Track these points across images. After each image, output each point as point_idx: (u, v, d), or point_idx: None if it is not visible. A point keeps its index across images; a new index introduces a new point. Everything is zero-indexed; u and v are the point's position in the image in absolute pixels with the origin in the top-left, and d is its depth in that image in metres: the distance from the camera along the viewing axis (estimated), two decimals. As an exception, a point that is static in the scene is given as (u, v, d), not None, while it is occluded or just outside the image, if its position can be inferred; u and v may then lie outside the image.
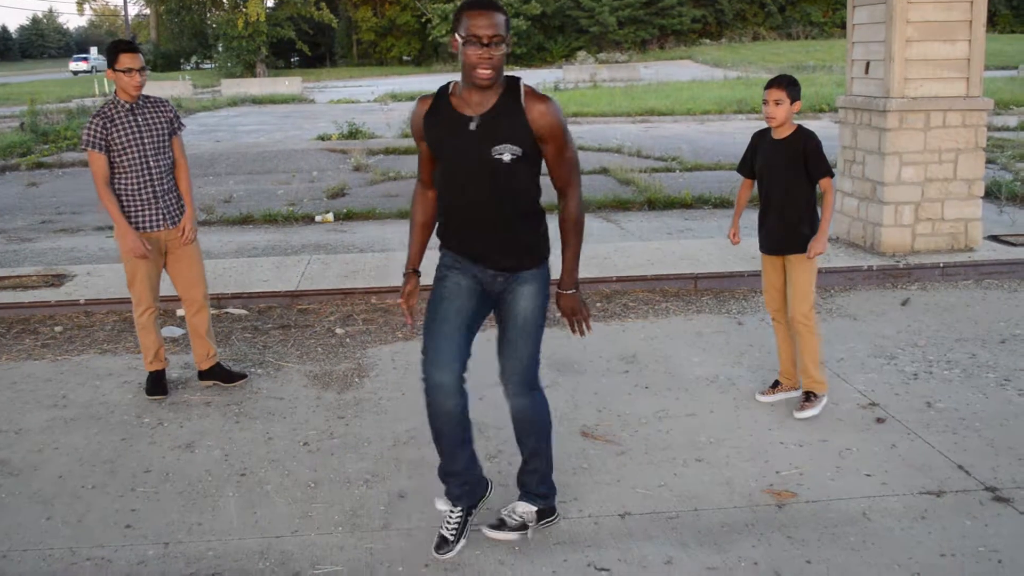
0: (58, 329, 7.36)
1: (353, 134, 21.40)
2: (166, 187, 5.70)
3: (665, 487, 4.57)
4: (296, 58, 75.67)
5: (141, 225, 5.60)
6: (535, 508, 4.15)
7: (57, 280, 8.39)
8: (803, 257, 5.30)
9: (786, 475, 4.69)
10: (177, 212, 5.79)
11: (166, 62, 74.48)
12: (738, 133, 21.24)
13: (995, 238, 9.17)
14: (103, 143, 5.44)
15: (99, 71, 66.38)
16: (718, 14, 74.36)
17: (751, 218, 5.77)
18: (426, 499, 4.49)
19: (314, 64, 74.89)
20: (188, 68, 74.26)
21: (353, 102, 34.84)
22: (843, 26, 10.12)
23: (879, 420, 5.33)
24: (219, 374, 6.05)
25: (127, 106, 5.54)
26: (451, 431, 4.00)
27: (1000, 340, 6.65)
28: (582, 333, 4.05)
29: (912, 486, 4.54)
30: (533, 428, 4.16)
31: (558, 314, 7.28)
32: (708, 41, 71.75)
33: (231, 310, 7.70)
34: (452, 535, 3.99)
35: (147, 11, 79.02)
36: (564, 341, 6.73)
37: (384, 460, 4.95)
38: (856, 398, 5.65)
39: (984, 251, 8.70)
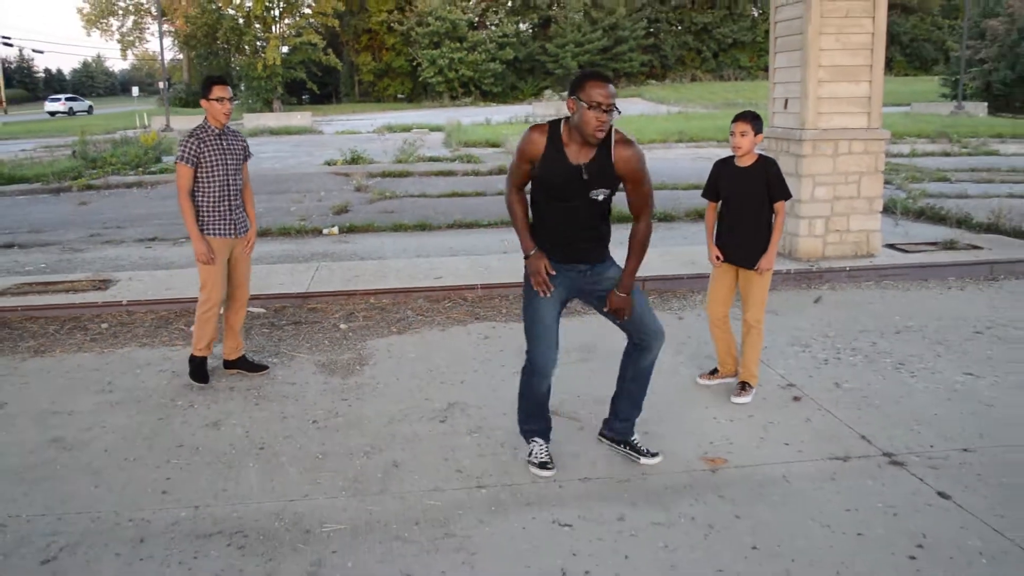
0: (104, 326, 7.31)
1: (355, 160, 21.30)
2: (238, 202, 5.76)
3: (617, 457, 4.59)
4: (307, 96, 75.31)
5: (218, 231, 5.64)
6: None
7: (103, 284, 8.32)
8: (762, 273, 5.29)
9: (718, 445, 4.71)
10: (244, 224, 5.82)
11: (196, 99, 73.74)
12: (680, 159, 21.33)
13: (892, 246, 9.25)
14: (195, 159, 5.49)
15: (77, 112, 65.81)
16: (662, 59, 74.73)
17: (688, 229, 5.78)
18: (417, 469, 4.49)
19: (322, 101, 74.58)
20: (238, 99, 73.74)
21: (355, 133, 34.69)
22: (767, 69, 10.18)
23: (796, 398, 5.37)
24: (244, 364, 6.02)
25: (216, 131, 5.59)
26: (544, 399, 4.46)
27: (896, 331, 6.70)
28: (622, 318, 4.33)
29: (823, 453, 4.58)
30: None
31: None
32: (654, 82, 72.03)
33: (252, 309, 7.65)
34: (548, 458, 4.44)
35: (180, 56, 78.60)
36: (533, 334, 6.74)
37: (381, 435, 4.93)
38: (777, 380, 5.68)
39: (883, 257, 8.77)
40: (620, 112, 3.96)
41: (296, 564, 3.63)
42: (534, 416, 4.52)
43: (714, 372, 5.68)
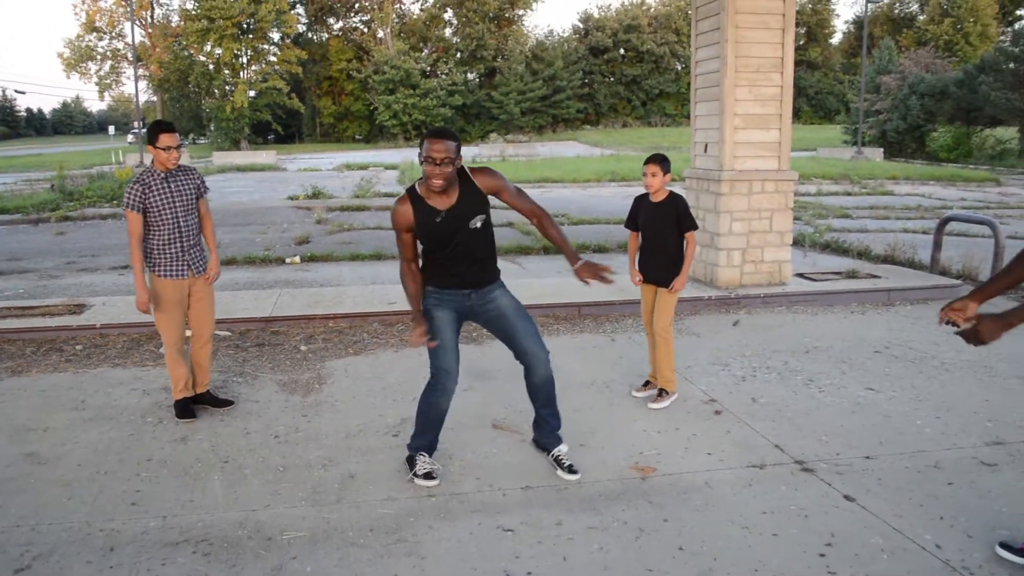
0: (79, 347, 7.11)
1: (316, 195, 21.15)
2: (192, 242, 5.35)
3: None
4: (272, 136, 74.63)
5: (169, 273, 5.26)
6: (564, 444, 4.60)
7: (78, 308, 8.11)
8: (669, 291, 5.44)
9: (648, 455, 4.72)
10: (201, 262, 5.44)
11: (169, 139, 72.86)
12: (612, 196, 21.54)
13: (801, 275, 9.39)
14: (141, 206, 5.12)
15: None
16: (596, 106, 75.63)
17: (620, 259, 5.82)
18: (371, 479, 4.43)
19: (286, 141, 73.90)
20: (187, 143, 72.80)
21: (316, 170, 34.47)
22: (689, 117, 10.34)
23: (717, 412, 5.40)
24: (209, 400, 5.66)
25: (162, 175, 5.21)
26: (442, 416, 4.42)
27: (805, 351, 6.80)
28: (610, 282, 4.17)
29: (741, 461, 4.61)
30: (552, 384, 4.51)
31: (475, 332, 7.27)
32: (589, 127, 72.85)
33: (218, 332, 7.51)
34: (431, 469, 4.39)
35: (155, 98, 77.42)
36: (479, 355, 6.71)
37: (338, 449, 4.86)
38: (700, 395, 5.72)
39: (793, 285, 8.91)
40: (459, 161, 4.04)
41: (258, 570, 3.54)
42: (427, 432, 4.45)
43: (647, 384, 5.71)
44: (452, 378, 4.32)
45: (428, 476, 4.34)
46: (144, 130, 51.37)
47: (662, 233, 5.45)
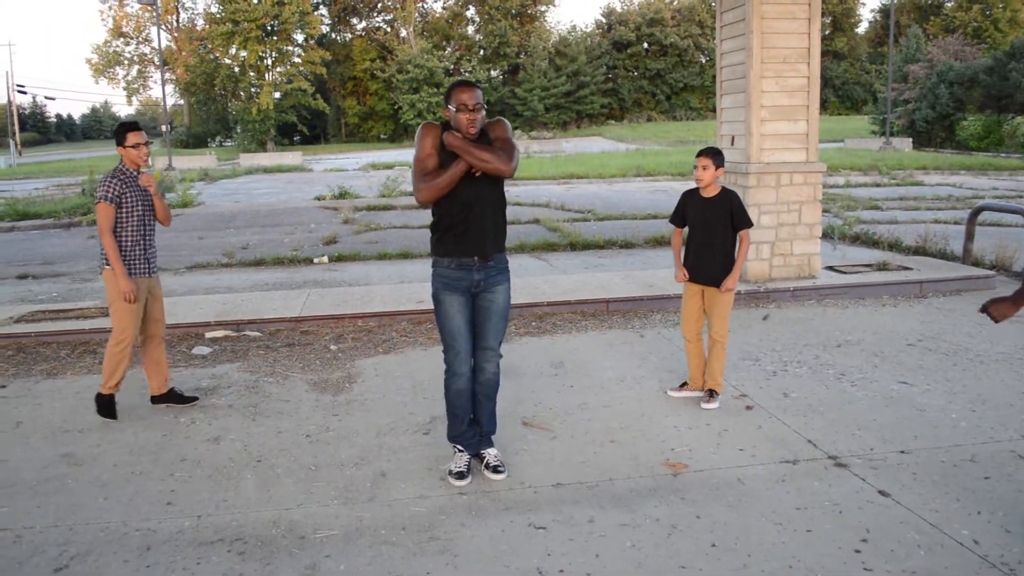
0: (112, 350, 7.19)
1: (342, 195, 21.25)
2: (152, 241, 5.49)
3: (587, 463, 4.56)
4: (297, 137, 75.15)
5: (136, 271, 5.35)
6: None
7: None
8: (725, 292, 5.33)
9: (679, 451, 4.70)
10: (156, 264, 5.56)
11: (196, 141, 73.65)
12: (638, 191, 21.44)
13: (831, 268, 9.31)
14: (117, 199, 5.22)
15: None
16: (621, 101, 75.30)
17: (647, 255, 5.79)
18: (403, 478, 4.44)
19: (312, 141, 74.39)
20: (214, 145, 73.41)
21: (342, 171, 34.64)
22: (715, 110, 10.25)
23: (748, 407, 5.37)
24: (173, 398, 5.69)
25: (133, 173, 5.35)
26: (464, 399, 4.40)
27: (836, 345, 6.74)
28: None
29: (774, 457, 4.57)
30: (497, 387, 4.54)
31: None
32: (613, 122, 72.62)
33: (248, 332, 7.58)
34: (465, 469, 4.38)
35: (181, 102, 78.30)
36: (507, 351, 6.72)
37: (370, 447, 4.88)
38: (730, 391, 5.68)
39: (823, 278, 8.83)
40: (486, 109, 4.10)
41: (292, 568, 3.57)
42: (453, 420, 4.45)
43: (683, 385, 5.66)
44: (461, 359, 4.31)
45: (460, 476, 4.35)
46: (170, 132, 52.02)
47: (714, 230, 5.31)
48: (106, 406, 5.45)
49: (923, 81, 42.31)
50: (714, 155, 5.24)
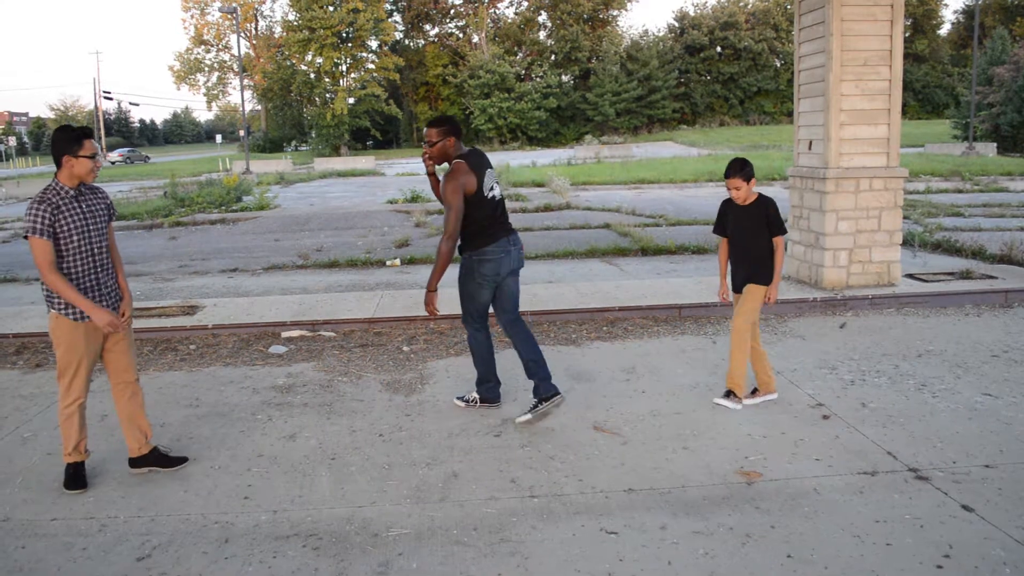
0: (192, 347, 7.40)
1: (414, 199, 21.49)
2: (108, 273, 4.46)
3: (659, 469, 4.52)
4: (370, 141, 76.36)
5: (81, 315, 4.31)
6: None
7: (191, 310, 8.44)
8: (755, 287, 5.37)
9: (753, 460, 4.62)
10: (116, 299, 4.52)
11: (273, 145, 75.49)
12: (710, 196, 21.18)
13: (911, 276, 9.06)
14: (50, 230, 4.16)
15: (135, 162, 66.90)
16: (693, 106, 74.65)
17: (711, 267, 5.72)
18: (474, 479, 4.46)
19: (384, 146, 75.51)
20: (289, 150, 75.06)
21: (414, 175, 35.00)
22: (790, 115, 10.08)
23: (825, 417, 5.25)
24: (157, 460, 4.70)
25: (71, 192, 4.28)
26: (483, 352, 5.50)
27: (917, 355, 6.55)
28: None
29: (851, 468, 4.47)
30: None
31: (574, 334, 7.27)
32: (685, 126, 71.98)
33: (323, 332, 7.71)
34: (470, 400, 5.60)
35: (259, 107, 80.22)
36: (580, 355, 6.70)
37: (441, 448, 4.92)
38: (806, 400, 5.57)
39: (903, 286, 8.59)
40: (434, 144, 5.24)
41: (365, 564, 3.62)
42: (478, 369, 5.56)
43: (755, 392, 5.58)
44: (482, 316, 5.45)
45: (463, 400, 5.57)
46: (248, 137, 53.18)
47: (752, 237, 5.38)
48: (71, 478, 4.47)
49: (1009, 84, 40.94)
50: (740, 171, 5.30)
